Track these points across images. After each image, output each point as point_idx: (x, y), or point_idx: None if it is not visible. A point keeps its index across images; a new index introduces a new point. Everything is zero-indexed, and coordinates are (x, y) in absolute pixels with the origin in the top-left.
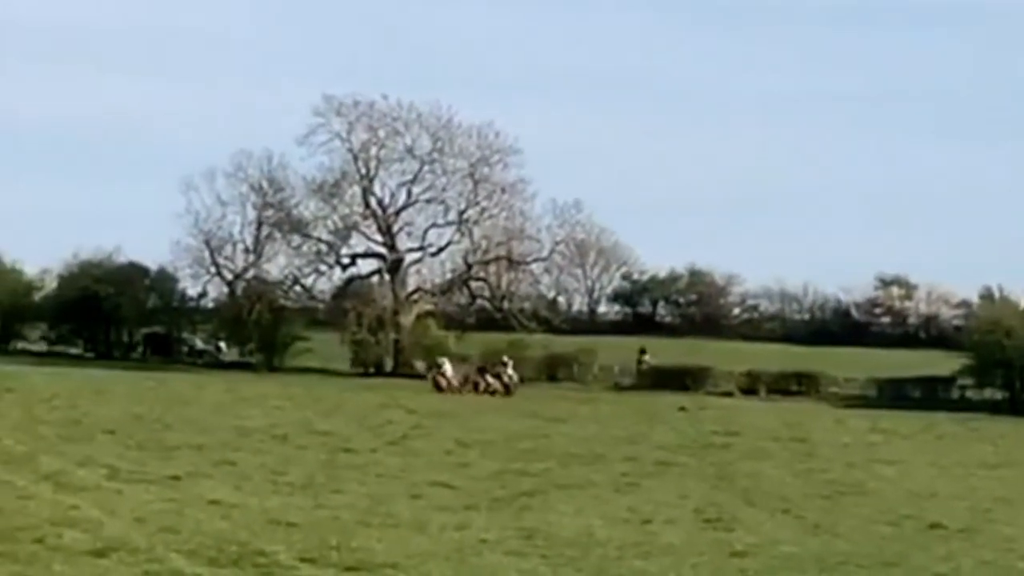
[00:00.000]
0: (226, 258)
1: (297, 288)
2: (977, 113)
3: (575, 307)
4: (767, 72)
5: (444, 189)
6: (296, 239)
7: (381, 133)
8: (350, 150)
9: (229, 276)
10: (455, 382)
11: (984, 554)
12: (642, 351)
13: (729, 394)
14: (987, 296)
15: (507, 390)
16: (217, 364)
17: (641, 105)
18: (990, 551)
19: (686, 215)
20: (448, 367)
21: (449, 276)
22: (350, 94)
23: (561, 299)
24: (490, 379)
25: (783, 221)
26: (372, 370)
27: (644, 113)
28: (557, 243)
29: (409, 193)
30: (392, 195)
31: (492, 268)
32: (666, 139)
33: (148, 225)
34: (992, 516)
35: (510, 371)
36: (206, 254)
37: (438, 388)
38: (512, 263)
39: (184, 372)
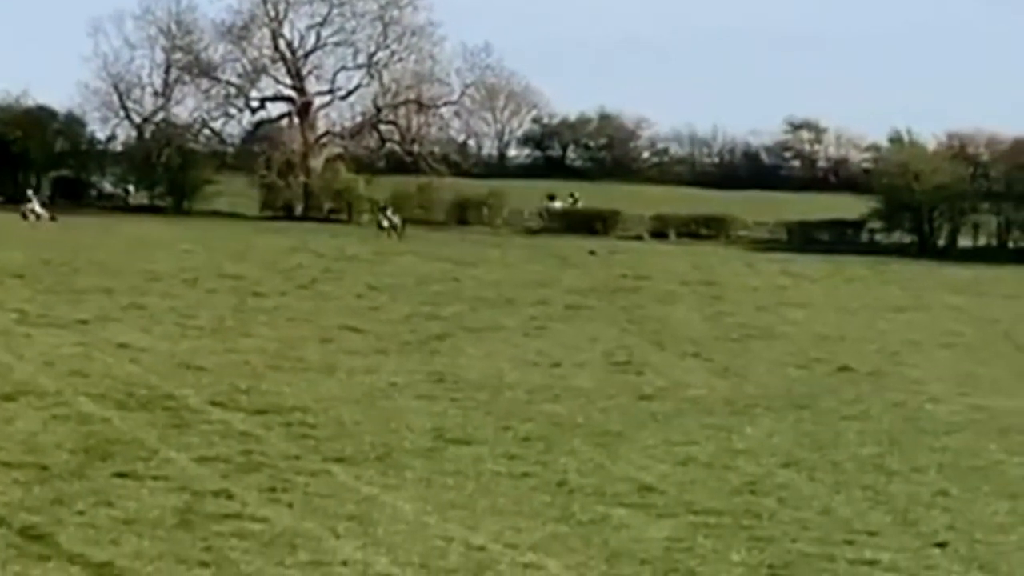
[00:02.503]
0: (135, 101)
1: (206, 131)
2: None
3: (485, 151)
4: None
5: (353, 32)
6: (205, 82)
7: None
8: None
9: (138, 119)
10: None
11: (893, 396)
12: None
13: (639, 238)
14: (896, 139)
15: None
16: (126, 208)
17: None
18: (898, 393)
19: (597, 59)
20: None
21: (358, 119)
22: None
23: (471, 143)
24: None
25: (693, 64)
26: (282, 214)
27: None
28: (467, 87)
29: (318, 36)
30: (301, 38)
31: (402, 111)
32: None
33: (55, 68)
34: (900, 359)
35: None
36: (114, 97)
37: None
38: (422, 107)
39: (93, 216)
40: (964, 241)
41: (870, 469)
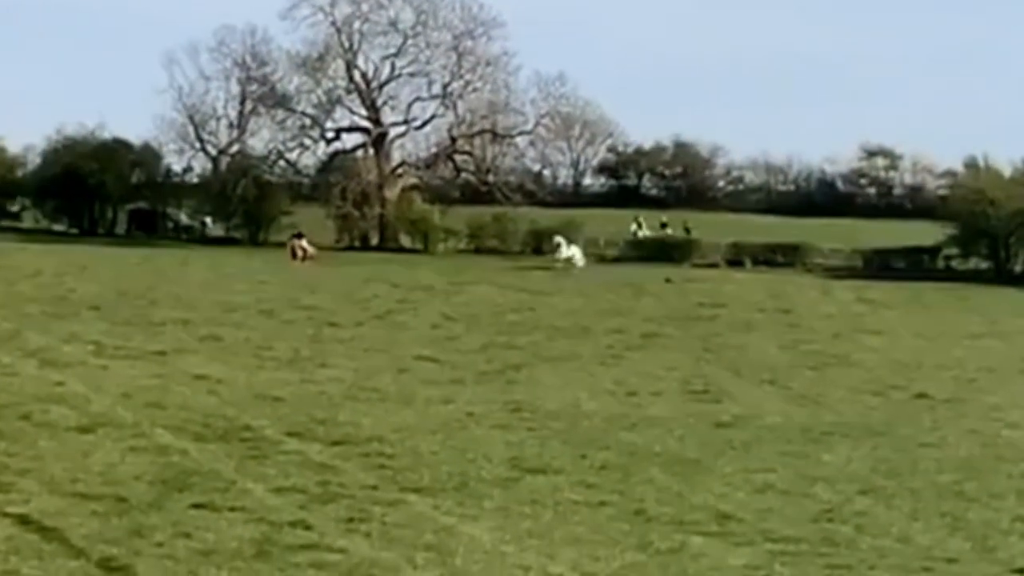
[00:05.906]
0: (210, 133)
1: (281, 163)
2: None
3: (560, 180)
4: None
5: (428, 62)
6: (280, 113)
7: (364, 7)
8: (333, 24)
9: (213, 151)
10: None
11: (969, 423)
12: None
13: (715, 266)
14: (972, 165)
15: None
16: (202, 239)
17: None
18: (975, 420)
19: (671, 87)
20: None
21: (434, 150)
22: None
23: (546, 172)
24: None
25: (767, 92)
26: (357, 244)
27: None
28: (542, 116)
29: (393, 67)
30: (376, 69)
31: (477, 141)
32: (650, 9)
33: (131, 100)
34: (977, 386)
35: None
36: (190, 129)
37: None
38: (497, 136)
39: (169, 248)
40: None
41: (948, 496)
